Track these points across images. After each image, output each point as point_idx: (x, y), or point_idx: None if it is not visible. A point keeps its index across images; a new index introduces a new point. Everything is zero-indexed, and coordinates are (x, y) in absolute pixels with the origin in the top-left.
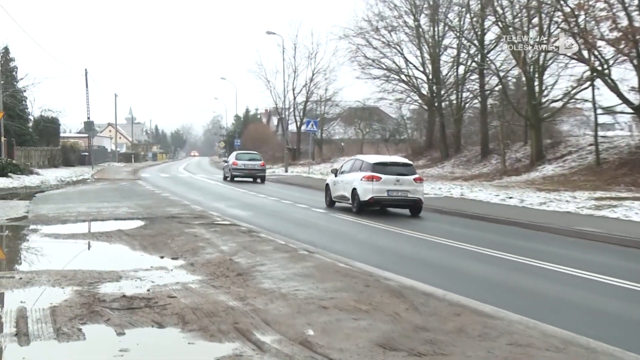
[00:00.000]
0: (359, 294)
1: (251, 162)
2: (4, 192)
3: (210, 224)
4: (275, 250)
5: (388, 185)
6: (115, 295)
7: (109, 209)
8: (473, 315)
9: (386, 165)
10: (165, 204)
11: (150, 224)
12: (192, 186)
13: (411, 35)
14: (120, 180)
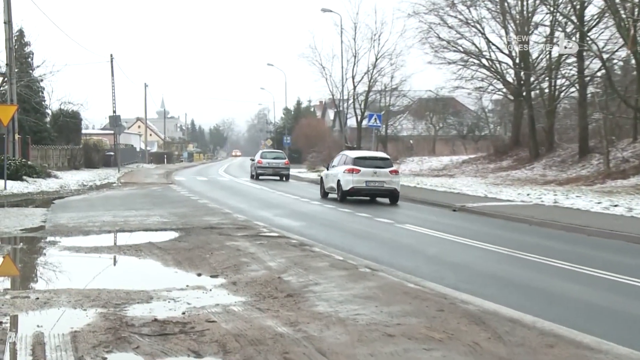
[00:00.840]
0: (431, 320)
1: (275, 160)
2: (18, 199)
3: (256, 235)
4: (332, 267)
5: (366, 176)
6: (146, 319)
7: (137, 218)
8: (570, 347)
9: (365, 159)
10: (203, 213)
11: (185, 236)
12: (233, 191)
13: (494, 11)
14: (151, 185)
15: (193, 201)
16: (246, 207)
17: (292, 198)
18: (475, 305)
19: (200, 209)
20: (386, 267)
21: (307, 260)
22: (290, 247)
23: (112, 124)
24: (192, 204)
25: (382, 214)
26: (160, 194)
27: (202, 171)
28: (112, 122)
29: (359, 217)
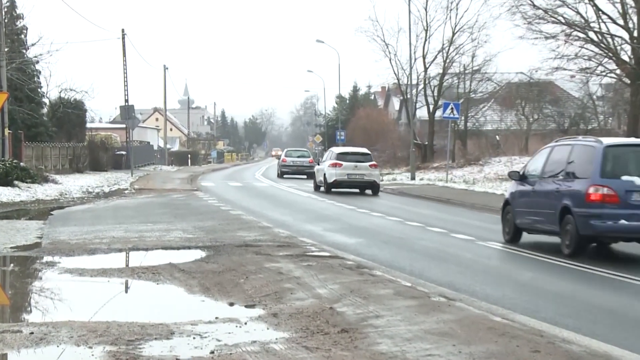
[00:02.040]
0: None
1: (300, 159)
2: (8, 209)
3: (302, 255)
4: (397, 296)
5: (348, 170)
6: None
7: (155, 234)
8: None
9: (347, 154)
10: (236, 226)
11: (214, 256)
12: (274, 200)
13: None
14: (172, 192)
15: (224, 212)
16: (290, 219)
17: (346, 208)
18: (580, 345)
19: (233, 221)
20: (465, 295)
21: (367, 287)
22: (344, 269)
23: (123, 116)
24: (223, 216)
25: (461, 228)
26: (183, 203)
27: (235, 175)
28: (123, 113)
29: (431, 233)
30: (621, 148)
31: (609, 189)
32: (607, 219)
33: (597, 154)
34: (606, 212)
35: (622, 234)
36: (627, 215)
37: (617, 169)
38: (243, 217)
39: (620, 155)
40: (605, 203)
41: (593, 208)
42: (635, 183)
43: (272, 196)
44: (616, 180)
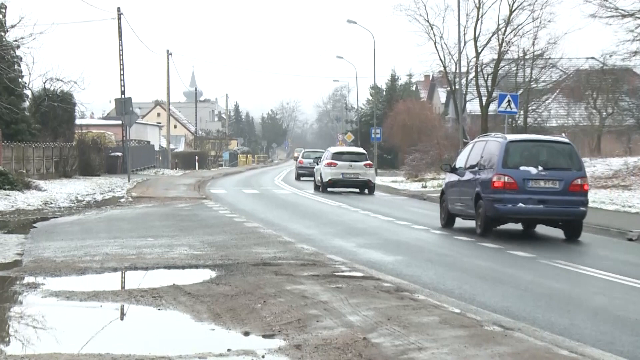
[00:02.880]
0: None
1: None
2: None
3: (330, 276)
4: (444, 324)
5: (343, 169)
6: None
7: (156, 250)
8: None
9: (342, 154)
10: (252, 242)
11: (226, 276)
12: (297, 210)
13: None
14: (176, 200)
15: (237, 224)
16: (316, 233)
17: (382, 220)
18: None
19: (248, 235)
20: (525, 324)
21: (407, 313)
22: (381, 293)
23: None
24: (236, 229)
25: (520, 244)
26: (189, 214)
27: (251, 180)
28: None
29: (484, 250)
30: (521, 143)
31: (509, 177)
32: (508, 202)
33: (501, 148)
34: (507, 197)
35: (520, 215)
36: (524, 200)
37: (517, 160)
38: (260, 230)
39: (520, 149)
40: (506, 189)
41: (497, 193)
42: (531, 172)
43: (295, 205)
44: (515, 170)
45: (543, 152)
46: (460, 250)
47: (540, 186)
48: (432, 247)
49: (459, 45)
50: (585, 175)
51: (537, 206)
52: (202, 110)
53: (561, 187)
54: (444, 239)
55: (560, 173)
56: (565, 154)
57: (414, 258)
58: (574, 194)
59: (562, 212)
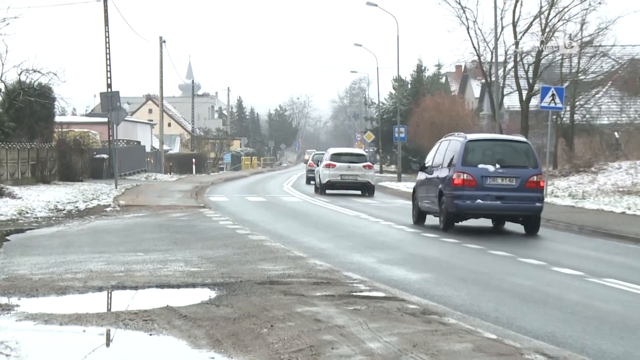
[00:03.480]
0: None
1: None
2: None
3: (346, 296)
4: (478, 352)
5: (341, 170)
6: None
7: (148, 266)
8: None
9: (341, 155)
10: (258, 256)
11: (227, 297)
12: (309, 220)
13: None
14: (170, 209)
15: (240, 237)
16: (330, 246)
17: (407, 232)
18: None
19: (253, 250)
20: (572, 352)
21: (436, 340)
22: (405, 316)
23: (105, 107)
24: (239, 242)
25: (566, 260)
26: (185, 225)
27: (256, 186)
28: (105, 103)
29: (524, 267)
30: (480, 142)
31: (468, 174)
32: (467, 199)
33: (461, 146)
34: (466, 194)
35: (479, 211)
36: (483, 196)
37: (476, 158)
38: (267, 243)
39: (479, 148)
40: (465, 186)
41: (456, 190)
42: (489, 170)
43: (306, 215)
44: (474, 168)
45: (501, 150)
46: (496, 266)
47: (498, 183)
48: (464, 264)
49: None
50: (541, 172)
51: (494, 202)
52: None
53: (518, 184)
54: (477, 254)
55: (517, 171)
56: (522, 153)
57: (443, 276)
58: (530, 191)
59: (519, 207)
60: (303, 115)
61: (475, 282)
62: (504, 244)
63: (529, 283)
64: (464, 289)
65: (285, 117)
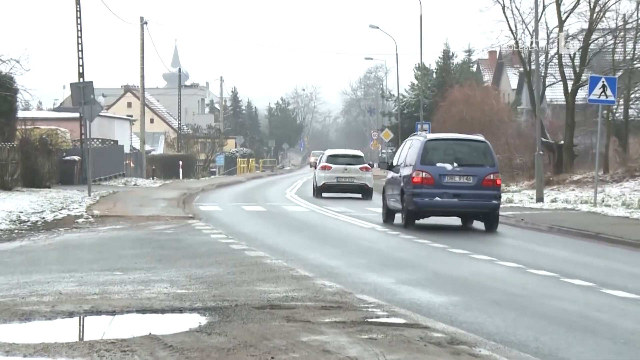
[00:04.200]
0: None
1: None
2: None
3: (360, 322)
4: None
5: (337, 173)
6: None
7: (127, 288)
8: None
9: (337, 156)
10: (256, 276)
11: (220, 324)
12: (316, 233)
13: None
14: (153, 221)
15: (236, 253)
16: (341, 264)
17: (431, 247)
18: None
19: (251, 268)
20: None
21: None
22: (429, 346)
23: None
24: (235, 259)
25: (618, 280)
26: (170, 240)
27: (254, 193)
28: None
29: (569, 288)
30: (439, 141)
31: (426, 173)
32: (425, 196)
33: (421, 146)
34: (424, 191)
35: (437, 208)
36: (441, 194)
37: (434, 157)
38: (266, 260)
39: (437, 147)
40: (424, 184)
41: (415, 188)
42: (446, 168)
43: (313, 227)
44: (432, 166)
45: (459, 149)
46: (537, 288)
47: (455, 181)
48: (499, 285)
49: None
50: (498, 171)
51: (452, 200)
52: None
53: (475, 182)
54: (514, 273)
55: (474, 169)
56: (480, 152)
57: (474, 298)
58: (486, 188)
59: (476, 205)
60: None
61: (511, 306)
62: (545, 262)
63: (574, 308)
64: (498, 314)
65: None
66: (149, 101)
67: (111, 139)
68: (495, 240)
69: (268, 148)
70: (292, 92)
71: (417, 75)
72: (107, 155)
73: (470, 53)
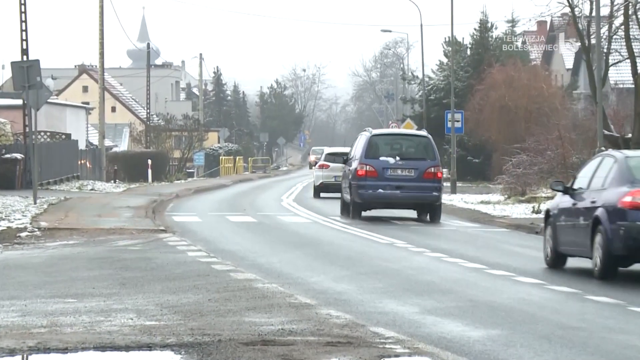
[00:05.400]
0: None
1: None
2: None
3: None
4: None
5: (336, 172)
6: None
7: (82, 318)
8: None
9: (336, 155)
10: (244, 303)
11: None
12: (319, 250)
13: None
14: (115, 234)
15: (219, 275)
16: (351, 289)
17: (464, 267)
18: None
19: (238, 294)
20: None
21: None
22: None
23: (18, 83)
24: (218, 282)
25: None
26: (137, 258)
27: (242, 200)
28: (19, 76)
29: (636, 318)
30: (383, 136)
31: (370, 166)
32: (369, 189)
33: (365, 140)
34: (368, 184)
35: (381, 200)
36: (384, 186)
37: (378, 151)
38: (257, 284)
39: (381, 142)
40: (367, 177)
41: (360, 181)
42: (389, 162)
43: (317, 243)
44: (376, 160)
45: (402, 144)
46: (598, 319)
47: (398, 174)
48: (550, 314)
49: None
50: (439, 164)
51: (394, 192)
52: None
53: (416, 175)
54: (570, 300)
55: (415, 162)
56: (422, 146)
57: (518, 332)
58: (427, 181)
59: (417, 197)
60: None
61: (566, 342)
62: (607, 287)
63: (632, 340)
64: (549, 351)
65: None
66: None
67: (63, 132)
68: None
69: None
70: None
71: (446, 52)
72: (57, 152)
73: (514, 24)
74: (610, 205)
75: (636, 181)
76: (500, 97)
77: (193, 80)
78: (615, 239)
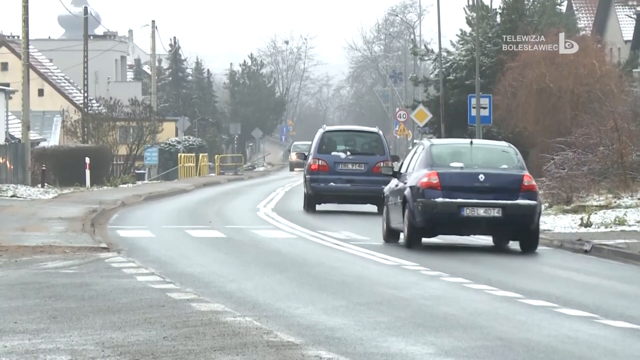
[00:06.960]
0: None
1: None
2: None
3: None
4: None
5: None
6: None
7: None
8: None
9: None
10: (209, 342)
11: None
12: (305, 274)
13: None
14: (43, 254)
15: (178, 306)
16: (347, 323)
17: (490, 296)
18: None
19: (201, 329)
20: None
21: None
22: None
23: None
24: (175, 315)
25: None
26: (72, 284)
27: (207, 209)
28: None
29: None
30: (335, 132)
31: (322, 161)
32: (322, 182)
33: (319, 136)
34: (321, 177)
35: (332, 192)
36: (335, 179)
37: (330, 147)
38: (227, 318)
39: (333, 137)
40: (320, 171)
41: (313, 174)
42: (340, 157)
43: (302, 264)
44: (328, 155)
45: (353, 140)
46: None
47: (349, 168)
48: (601, 356)
49: None
50: (388, 159)
51: (345, 185)
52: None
53: (366, 169)
54: (630, 338)
55: (365, 157)
56: (372, 142)
57: None
58: (377, 175)
59: (367, 190)
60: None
61: None
62: None
63: None
64: None
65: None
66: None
67: None
68: (596, 285)
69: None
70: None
71: (470, 20)
72: None
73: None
74: (413, 186)
75: (435, 165)
76: (538, 77)
77: (143, 56)
78: (416, 213)
